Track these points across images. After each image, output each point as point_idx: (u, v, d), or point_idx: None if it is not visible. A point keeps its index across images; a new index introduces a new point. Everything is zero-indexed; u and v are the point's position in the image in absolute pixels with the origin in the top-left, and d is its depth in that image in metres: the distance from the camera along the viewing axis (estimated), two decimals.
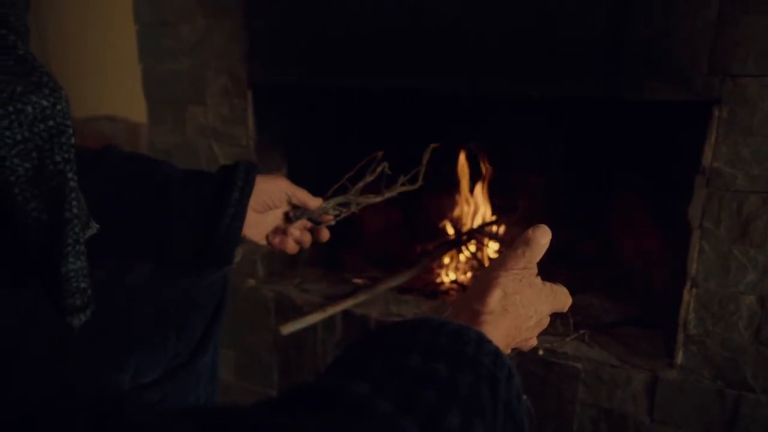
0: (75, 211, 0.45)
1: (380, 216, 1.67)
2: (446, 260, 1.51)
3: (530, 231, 0.55)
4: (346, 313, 1.26)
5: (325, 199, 0.79)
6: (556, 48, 0.98)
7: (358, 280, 1.39)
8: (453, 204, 1.64)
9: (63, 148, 0.42)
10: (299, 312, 1.27)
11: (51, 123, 0.41)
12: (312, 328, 1.29)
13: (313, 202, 0.79)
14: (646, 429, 1.06)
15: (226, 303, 0.93)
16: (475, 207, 1.58)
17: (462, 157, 1.56)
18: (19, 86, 0.39)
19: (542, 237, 0.55)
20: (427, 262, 1.42)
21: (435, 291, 1.43)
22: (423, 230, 1.67)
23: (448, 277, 1.49)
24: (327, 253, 1.56)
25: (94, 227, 0.47)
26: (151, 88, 1.36)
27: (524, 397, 0.43)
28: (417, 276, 1.40)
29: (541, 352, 1.09)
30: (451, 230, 1.59)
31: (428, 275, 1.48)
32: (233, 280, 1.01)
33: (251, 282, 1.38)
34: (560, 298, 0.56)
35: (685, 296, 0.99)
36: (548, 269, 0.57)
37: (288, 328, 1.16)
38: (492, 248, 1.51)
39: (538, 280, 0.54)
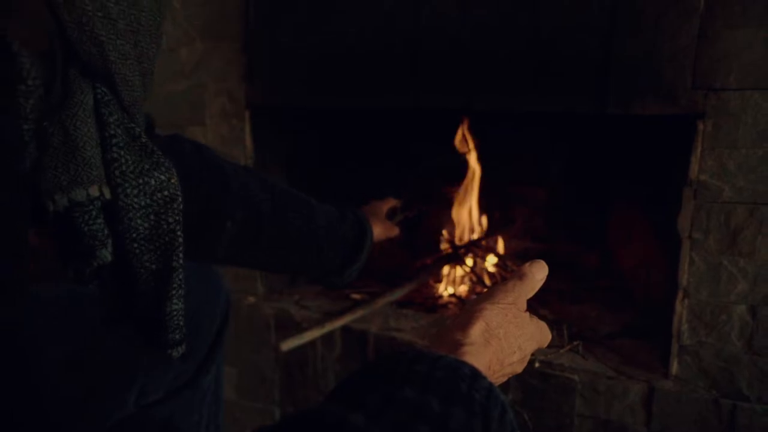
0: (181, 261, 0.54)
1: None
2: (445, 273, 1.52)
3: (527, 265, 0.55)
4: (345, 328, 1.28)
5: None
6: (549, 68, 1.01)
7: (357, 296, 1.40)
8: (452, 218, 1.66)
9: (175, 212, 0.52)
10: (299, 329, 1.28)
11: (166, 193, 0.51)
12: (312, 345, 1.31)
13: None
14: None
15: (229, 324, 0.95)
16: (474, 220, 1.60)
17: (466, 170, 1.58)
18: (146, 164, 0.50)
19: (538, 272, 0.55)
20: (425, 277, 1.44)
21: (434, 305, 1.44)
22: (423, 244, 1.69)
23: (446, 290, 1.50)
24: None
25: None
26: (151, 111, 1.38)
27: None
28: (415, 290, 1.42)
29: (537, 365, 1.10)
30: (448, 244, 1.60)
31: (427, 289, 1.49)
32: (233, 298, 1.03)
33: (251, 299, 1.40)
34: (544, 334, 0.56)
35: (678, 307, 1.00)
36: (547, 281, 0.57)
37: (288, 345, 1.17)
38: (489, 261, 1.52)
39: (526, 315, 0.54)
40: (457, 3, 1.04)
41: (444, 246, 1.59)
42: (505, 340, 0.50)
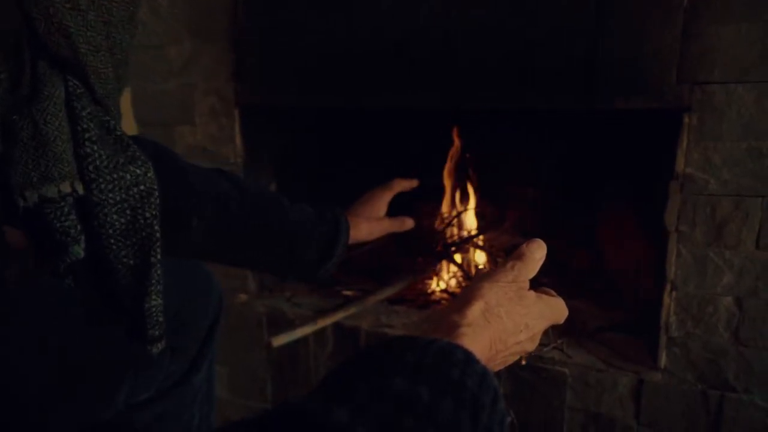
0: (159, 257, 0.54)
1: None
2: (437, 270, 1.53)
3: (524, 245, 0.54)
4: (337, 325, 1.28)
5: None
6: (539, 67, 1.02)
7: (349, 293, 1.41)
8: (443, 215, 1.66)
9: (151, 207, 0.52)
10: (291, 326, 1.28)
11: (143, 187, 0.51)
12: (304, 342, 1.31)
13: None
14: None
15: (220, 322, 0.95)
16: (464, 218, 1.61)
17: (447, 169, 1.59)
18: (120, 158, 0.49)
19: (537, 251, 0.54)
20: (417, 274, 1.44)
21: (426, 301, 1.45)
22: (415, 241, 1.69)
23: (438, 287, 1.51)
24: None
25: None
26: (141, 110, 1.38)
27: (508, 419, 0.42)
28: (407, 287, 1.42)
29: (524, 362, 1.11)
30: (440, 242, 1.61)
31: (419, 285, 1.50)
32: (224, 296, 1.03)
33: (243, 297, 1.40)
34: (556, 311, 0.54)
35: (666, 299, 1.01)
36: (539, 279, 0.56)
37: (279, 341, 1.17)
38: (479, 259, 1.53)
39: (531, 294, 0.52)
40: (455, 4, 1.05)
41: (435, 243, 1.59)
42: (508, 318, 0.48)
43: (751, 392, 0.99)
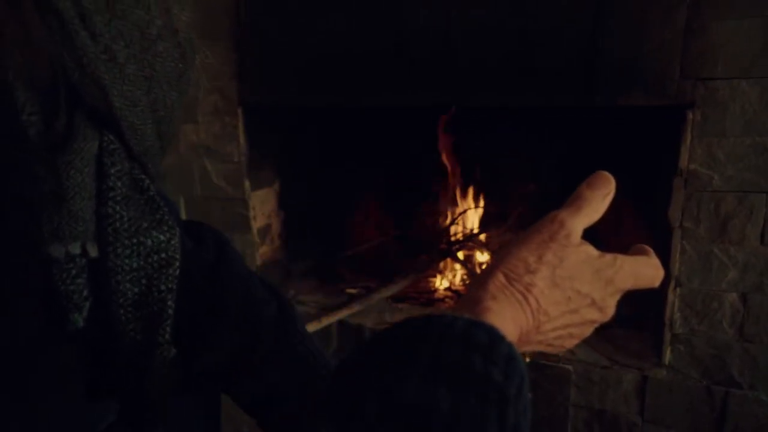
0: (167, 336, 0.49)
1: (373, 226, 1.69)
2: (440, 268, 1.53)
3: (582, 185, 0.43)
4: (341, 323, 1.28)
5: None
6: (538, 66, 1.02)
7: (352, 291, 1.41)
8: (446, 213, 1.66)
9: (169, 279, 0.47)
10: None
11: (163, 255, 0.46)
12: None
13: None
14: (638, 430, 1.08)
15: None
16: (467, 216, 1.61)
17: (450, 169, 1.59)
18: (145, 222, 0.46)
19: (598, 187, 0.43)
20: (419, 272, 1.44)
21: (429, 299, 1.45)
22: (418, 239, 1.69)
23: (441, 284, 1.51)
24: (321, 265, 1.58)
25: (173, 351, 0.51)
26: None
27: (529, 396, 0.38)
28: (411, 285, 1.42)
29: (528, 359, 1.11)
30: (442, 240, 1.61)
31: (422, 283, 1.50)
32: None
33: None
34: (632, 273, 0.43)
35: (670, 296, 1.01)
36: None
37: None
38: (483, 256, 1.53)
39: (579, 251, 0.42)
40: (455, 4, 1.05)
41: (438, 241, 1.59)
42: (545, 284, 0.41)
43: (756, 388, 0.99)
